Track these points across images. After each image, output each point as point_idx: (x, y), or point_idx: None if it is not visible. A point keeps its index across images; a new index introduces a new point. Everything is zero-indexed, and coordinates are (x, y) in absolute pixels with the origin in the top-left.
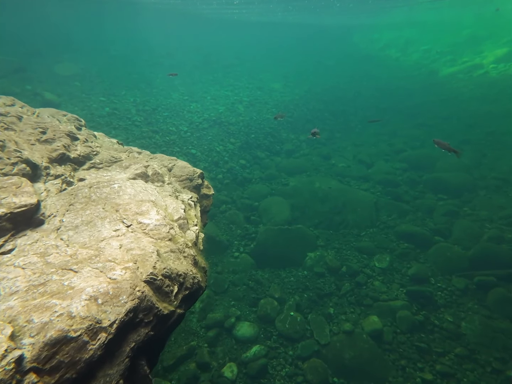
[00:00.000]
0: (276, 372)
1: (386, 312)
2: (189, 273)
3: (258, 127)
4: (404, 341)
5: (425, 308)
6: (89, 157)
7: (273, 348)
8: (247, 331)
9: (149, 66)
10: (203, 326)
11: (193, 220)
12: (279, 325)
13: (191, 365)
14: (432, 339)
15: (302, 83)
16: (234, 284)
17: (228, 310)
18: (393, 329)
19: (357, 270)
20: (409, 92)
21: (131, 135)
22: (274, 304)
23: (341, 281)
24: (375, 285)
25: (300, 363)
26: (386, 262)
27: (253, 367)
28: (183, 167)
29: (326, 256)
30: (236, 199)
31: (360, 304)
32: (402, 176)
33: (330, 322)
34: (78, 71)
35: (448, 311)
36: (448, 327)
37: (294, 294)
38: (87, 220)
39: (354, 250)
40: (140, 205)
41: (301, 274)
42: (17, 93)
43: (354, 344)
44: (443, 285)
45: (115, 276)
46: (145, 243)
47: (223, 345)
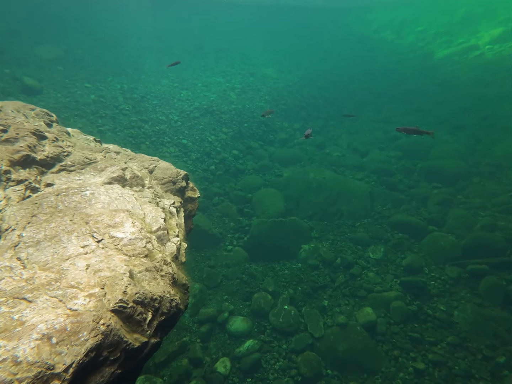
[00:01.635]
0: (270, 366)
1: (380, 303)
2: (166, 296)
3: (251, 115)
4: (397, 331)
5: (419, 298)
6: (59, 159)
7: (267, 342)
8: (240, 325)
9: (137, 50)
10: (195, 321)
11: (174, 230)
12: (273, 319)
13: (183, 361)
14: (425, 328)
15: (296, 68)
16: (227, 278)
17: (221, 304)
18: (387, 320)
19: (351, 262)
20: (404, 77)
21: (119, 124)
22: (268, 298)
23: (336, 273)
24: (370, 276)
25: (294, 356)
26: (381, 253)
27: (246, 361)
28: (165, 168)
29: (321, 248)
30: (229, 191)
31: (354, 296)
32: (397, 165)
33: (324, 315)
34: (60, 54)
35: (441, 300)
36: (440, 316)
37: (288, 287)
38: (51, 234)
39: (349, 241)
40: (114, 215)
41: (295, 267)
42: None
43: (348, 336)
44: (436, 274)
45: (76, 306)
46: (117, 262)
47: (216, 340)
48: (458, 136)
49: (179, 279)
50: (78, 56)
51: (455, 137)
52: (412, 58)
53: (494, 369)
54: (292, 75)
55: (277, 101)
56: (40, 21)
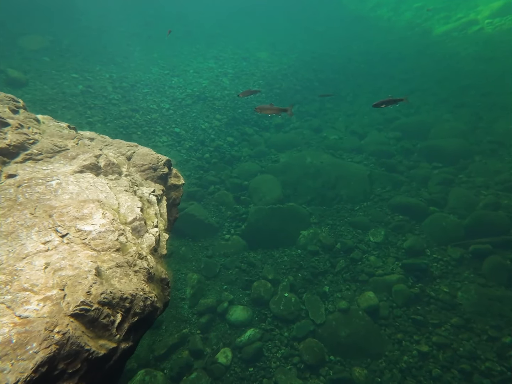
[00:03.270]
0: (272, 354)
1: (382, 287)
2: (139, 294)
3: (245, 101)
4: (400, 315)
5: (421, 281)
6: (24, 147)
7: (268, 330)
8: (240, 315)
9: (126, 37)
10: (195, 312)
11: (153, 220)
12: (274, 307)
13: (184, 353)
14: (428, 311)
15: (290, 51)
16: (225, 267)
17: (221, 294)
18: (389, 304)
19: (351, 246)
20: (401, 56)
21: (109, 115)
22: (268, 286)
23: (336, 258)
24: (371, 260)
25: (296, 343)
26: (381, 236)
27: (248, 351)
28: (144, 154)
29: (320, 233)
30: (225, 179)
31: (356, 281)
32: (396, 146)
33: (326, 300)
34: (46, 44)
35: (444, 282)
36: (444, 298)
37: (288, 275)
38: (7, 230)
39: (348, 225)
40: (82, 207)
41: (295, 253)
42: None
43: (350, 322)
44: (438, 256)
45: (27, 312)
46: (82, 259)
47: (217, 331)
48: (458, 114)
49: (157, 273)
50: (64, 46)
51: (455, 116)
52: (410, 36)
53: (500, 349)
54: (286, 58)
55: (271, 85)
56: (25, 11)
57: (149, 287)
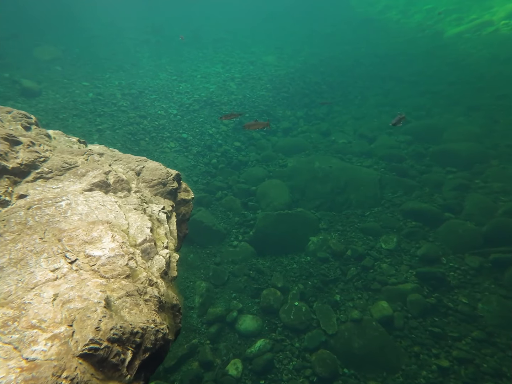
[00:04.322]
0: (283, 366)
1: (396, 296)
2: (150, 327)
3: (252, 105)
4: (416, 326)
5: (437, 290)
6: (35, 165)
7: (278, 341)
8: (250, 324)
9: (135, 44)
10: (204, 321)
11: (163, 241)
12: (284, 316)
13: (194, 364)
14: (447, 322)
15: (297, 54)
16: (234, 275)
17: (229, 303)
18: (404, 314)
19: (362, 253)
20: (411, 58)
21: (118, 122)
22: (277, 294)
23: (347, 265)
24: (383, 268)
25: (308, 355)
26: (393, 243)
27: (258, 362)
28: (154, 169)
29: (330, 239)
30: (232, 184)
31: (368, 289)
32: (407, 150)
33: (337, 310)
34: (58, 54)
35: (462, 292)
36: (463, 309)
37: (297, 282)
38: (17, 257)
39: (359, 231)
40: (91, 229)
41: (304, 260)
42: None
43: (363, 332)
44: (455, 264)
45: (34, 354)
46: (91, 288)
47: (226, 341)
48: (472, 117)
49: (169, 300)
50: (75, 55)
51: (469, 118)
52: (420, 38)
53: None
54: (293, 62)
55: (278, 89)
56: (38, 22)
57: (160, 318)
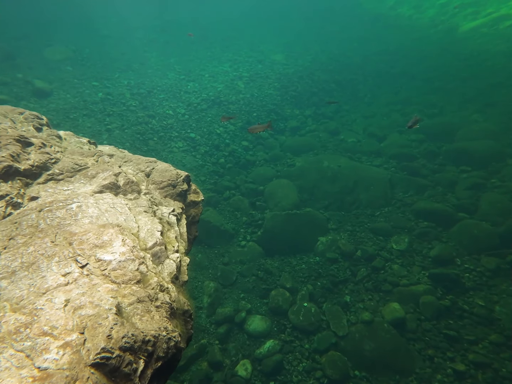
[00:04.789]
0: (293, 367)
1: (408, 298)
2: (162, 334)
3: (260, 104)
4: (430, 328)
5: (452, 292)
6: (46, 167)
7: (288, 342)
8: (259, 325)
9: (143, 44)
10: (212, 322)
11: (173, 245)
12: (293, 317)
13: (203, 365)
14: (462, 325)
15: (306, 52)
16: (242, 275)
17: (238, 303)
18: (417, 316)
19: (373, 254)
20: (424, 54)
21: (126, 121)
22: (286, 295)
23: (356, 266)
24: (394, 269)
25: (318, 356)
26: (405, 243)
27: (268, 363)
28: (163, 170)
29: (339, 240)
30: (240, 184)
31: (379, 290)
32: (418, 149)
33: (347, 311)
34: (69, 54)
35: (478, 294)
36: (479, 312)
37: (306, 283)
38: (28, 261)
39: (369, 231)
40: (102, 233)
41: (313, 261)
42: (7, 82)
43: (375, 335)
44: (471, 266)
45: (46, 363)
46: (102, 294)
47: (235, 341)
48: (488, 115)
49: (180, 306)
50: (85, 55)
51: (485, 116)
52: (433, 33)
53: None
54: (302, 60)
55: (287, 87)
56: (49, 23)
57: (172, 325)
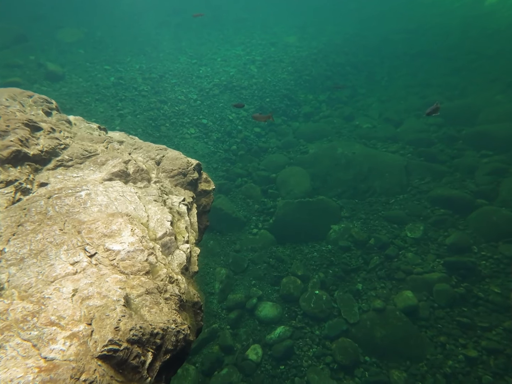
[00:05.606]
0: (303, 352)
1: (421, 286)
2: (171, 327)
3: (273, 89)
4: (443, 316)
5: (467, 280)
6: (56, 153)
7: (298, 328)
8: (270, 311)
9: (155, 26)
10: (224, 307)
11: (184, 235)
12: (304, 304)
13: (214, 348)
14: (476, 313)
15: (320, 34)
16: (254, 262)
17: (249, 290)
18: (430, 304)
19: (386, 242)
20: (446, 30)
21: (138, 106)
22: (297, 283)
23: (369, 254)
24: (408, 257)
25: (328, 343)
26: (420, 231)
27: (278, 348)
28: (174, 158)
29: (352, 228)
30: (252, 171)
31: (391, 279)
32: (437, 133)
33: (359, 299)
34: (81, 37)
35: (494, 282)
36: (494, 299)
37: (318, 271)
38: (37, 248)
39: (383, 219)
40: (111, 222)
41: (325, 249)
42: (20, 65)
43: (386, 322)
44: (488, 253)
45: (53, 354)
46: (110, 284)
47: (246, 327)
48: None
49: (189, 297)
50: (98, 38)
51: (509, 97)
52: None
53: None
54: (316, 42)
55: (300, 71)
56: (61, 4)
57: (181, 317)
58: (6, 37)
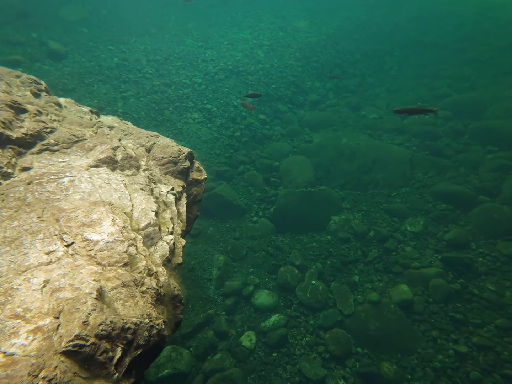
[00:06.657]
0: (296, 341)
1: (418, 280)
2: (144, 322)
3: (280, 75)
4: (437, 311)
5: (463, 276)
6: (41, 136)
7: (293, 317)
8: (266, 299)
9: (161, 6)
10: (220, 294)
11: (168, 226)
12: (300, 294)
13: (209, 333)
14: (470, 309)
15: (331, 19)
16: (252, 250)
17: (247, 277)
18: (425, 299)
19: (386, 235)
20: (459, 20)
21: (142, 89)
22: (295, 272)
23: (368, 247)
24: (406, 251)
25: (322, 332)
26: (420, 225)
27: (272, 336)
28: (165, 146)
29: (352, 219)
30: (255, 159)
31: (389, 272)
32: (443, 127)
33: (355, 291)
34: (85, 15)
35: (490, 279)
36: (489, 296)
37: (316, 261)
38: (12, 236)
39: (384, 212)
40: (91, 210)
41: (324, 240)
42: (22, 42)
43: (381, 315)
44: (485, 250)
45: (13, 348)
46: (84, 276)
47: (241, 314)
48: None
49: (169, 290)
50: (102, 17)
51: None
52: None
53: None
54: (326, 27)
55: (308, 58)
56: None
57: (157, 311)
58: (8, 12)
